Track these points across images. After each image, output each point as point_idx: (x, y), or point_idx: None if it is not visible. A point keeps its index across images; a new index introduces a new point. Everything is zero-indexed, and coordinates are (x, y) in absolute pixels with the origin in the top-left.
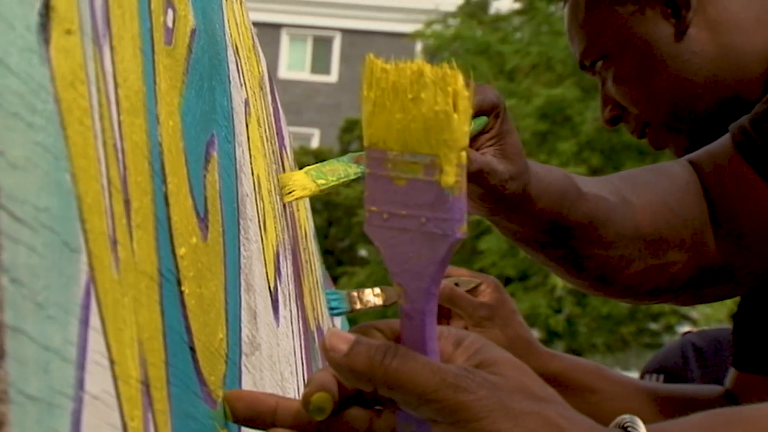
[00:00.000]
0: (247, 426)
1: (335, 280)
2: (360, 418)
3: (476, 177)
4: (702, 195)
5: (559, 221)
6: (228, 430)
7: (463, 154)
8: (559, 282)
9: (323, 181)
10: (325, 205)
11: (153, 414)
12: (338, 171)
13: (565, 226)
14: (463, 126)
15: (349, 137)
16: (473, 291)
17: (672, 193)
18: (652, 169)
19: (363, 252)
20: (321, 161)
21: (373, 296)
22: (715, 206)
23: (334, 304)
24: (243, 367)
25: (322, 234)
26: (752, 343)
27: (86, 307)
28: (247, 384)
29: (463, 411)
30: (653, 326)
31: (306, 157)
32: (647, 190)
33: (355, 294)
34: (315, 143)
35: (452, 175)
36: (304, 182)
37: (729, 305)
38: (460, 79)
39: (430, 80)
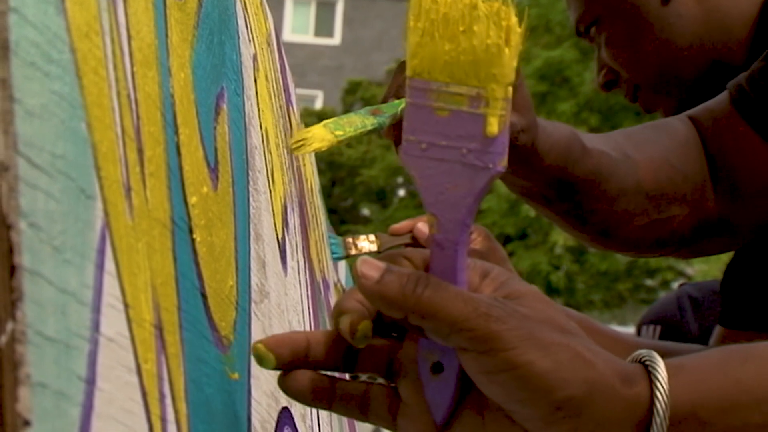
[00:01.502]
0: (285, 369)
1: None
2: (382, 349)
3: None
4: (702, 151)
5: (565, 177)
6: (238, 374)
7: (510, 89)
8: (559, 240)
9: (341, 132)
10: (328, 165)
11: (166, 357)
12: (355, 123)
13: (570, 181)
14: (513, 61)
15: (351, 98)
16: None
17: (673, 149)
18: (653, 126)
19: (366, 211)
20: (354, 110)
21: (368, 242)
22: (714, 161)
23: (333, 248)
24: (252, 314)
25: (325, 193)
26: (739, 300)
27: (101, 252)
28: (256, 330)
29: (494, 340)
30: (650, 282)
31: (310, 119)
32: (649, 147)
33: (350, 240)
34: (318, 104)
35: (498, 109)
36: (322, 134)
37: (724, 260)
38: (513, 15)
39: (483, 13)
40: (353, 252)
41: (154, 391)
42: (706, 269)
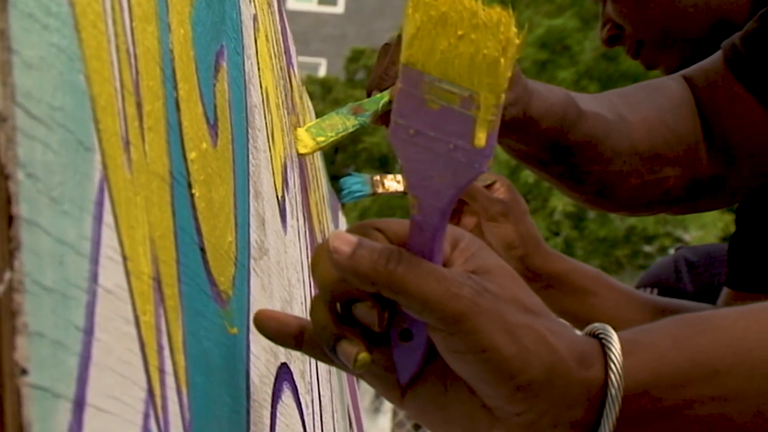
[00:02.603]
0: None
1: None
2: (369, 314)
3: None
4: (695, 111)
5: (560, 140)
6: (237, 329)
7: (503, 96)
8: (558, 206)
9: (322, 138)
10: None
11: (164, 310)
12: (337, 126)
13: (566, 144)
14: (507, 72)
15: (354, 66)
16: (488, 187)
17: (667, 110)
18: (647, 86)
19: None
20: (327, 90)
21: (395, 183)
22: (708, 121)
23: (356, 187)
24: (252, 271)
25: (328, 160)
26: (746, 261)
27: (100, 204)
28: (255, 287)
29: (463, 322)
30: (647, 249)
31: (313, 86)
32: (643, 107)
33: (377, 178)
34: (322, 72)
35: (489, 114)
36: (305, 140)
37: (720, 227)
38: (513, 27)
39: (482, 23)
40: (380, 190)
41: (153, 343)
42: (703, 235)
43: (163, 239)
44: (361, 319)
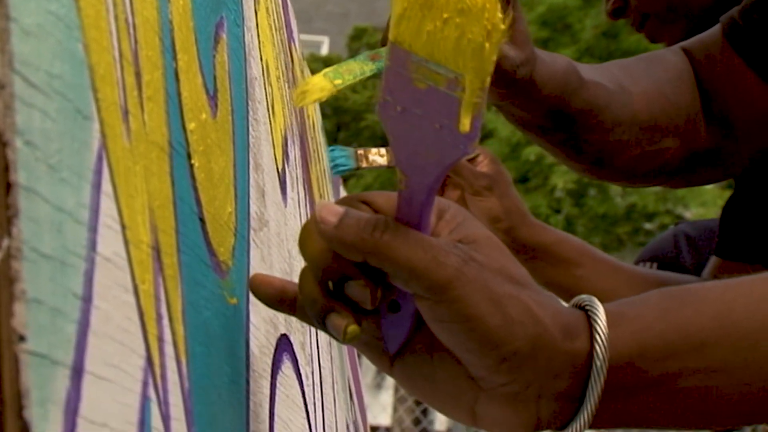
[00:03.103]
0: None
1: (344, 181)
2: (361, 292)
3: None
4: (694, 83)
5: (562, 107)
6: (237, 299)
7: (488, 79)
8: (559, 183)
9: (340, 81)
10: (334, 110)
11: (163, 279)
12: (354, 70)
13: (567, 112)
14: (493, 56)
15: (357, 44)
16: (472, 161)
17: (666, 82)
18: (647, 58)
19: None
20: (354, 57)
21: (378, 156)
22: (707, 94)
23: (340, 161)
24: (251, 242)
25: (331, 138)
26: (735, 231)
27: (98, 173)
28: (255, 258)
29: (449, 291)
30: (648, 226)
31: (316, 64)
32: (643, 79)
33: (361, 152)
34: (324, 50)
35: (474, 96)
36: (321, 84)
37: (720, 205)
38: (499, 13)
39: (467, 7)
40: (364, 164)
41: (151, 312)
42: (704, 213)
43: (162, 209)
44: (353, 297)
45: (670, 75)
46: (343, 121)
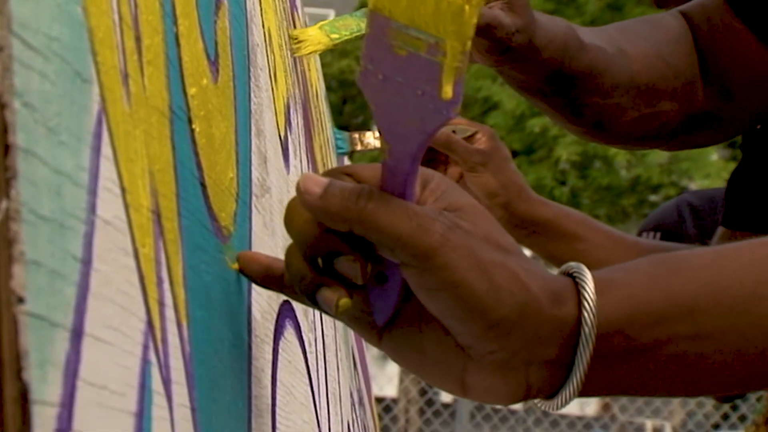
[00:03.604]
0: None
1: (350, 155)
2: (351, 267)
3: (484, 31)
4: (693, 46)
5: (562, 70)
6: (241, 259)
7: (469, 42)
8: (563, 155)
9: (336, 36)
10: (339, 83)
11: (164, 243)
12: (351, 26)
13: (567, 75)
14: (473, 18)
15: None
16: (470, 139)
17: (665, 45)
18: (646, 21)
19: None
20: (351, 13)
21: (373, 139)
22: (705, 58)
23: (339, 143)
24: (253, 208)
25: (336, 111)
26: (741, 201)
27: (98, 136)
28: (257, 224)
29: (435, 258)
30: (653, 198)
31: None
32: (642, 42)
33: (356, 136)
34: None
35: (456, 61)
36: (318, 37)
37: (725, 177)
38: None
39: None
40: (359, 147)
41: (152, 275)
42: (708, 184)
43: (163, 173)
44: (343, 272)
45: (669, 38)
46: (349, 94)
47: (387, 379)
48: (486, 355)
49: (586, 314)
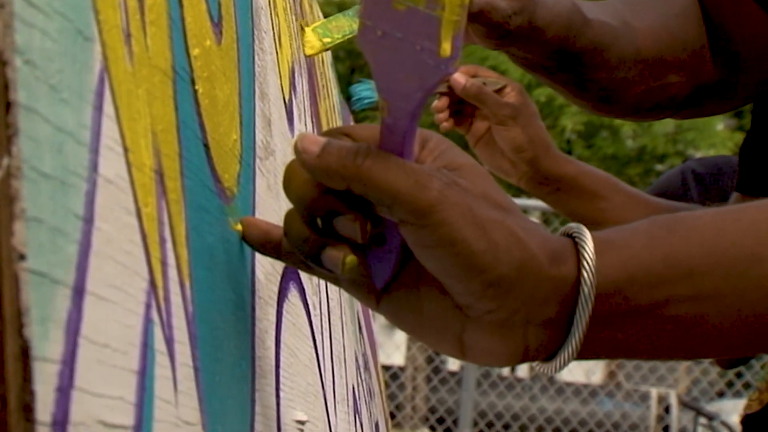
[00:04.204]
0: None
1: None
2: (351, 226)
3: (478, 17)
4: (700, 16)
5: (567, 48)
6: (241, 225)
7: None
8: (568, 125)
9: (329, 39)
10: (348, 53)
11: (167, 203)
12: (344, 28)
13: (572, 52)
14: None
15: None
16: (499, 92)
17: (672, 16)
18: None
19: None
20: (343, 11)
21: None
22: (713, 27)
23: (365, 93)
24: (257, 170)
25: (344, 81)
26: (756, 166)
27: (100, 94)
28: (261, 186)
29: (433, 214)
30: (659, 167)
31: (329, 8)
32: (648, 14)
33: None
34: None
35: (455, 14)
36: (312, 41)
37: (730, 147)
38: None
39: None
40: None
41: (154, 235)
42: (714, 154)
43: (166, 133)
44: (342, 232)
45: (676, 9)
46: (358, 64)
47: (394, 347)
48: (484, 314)
49: (585, 274)
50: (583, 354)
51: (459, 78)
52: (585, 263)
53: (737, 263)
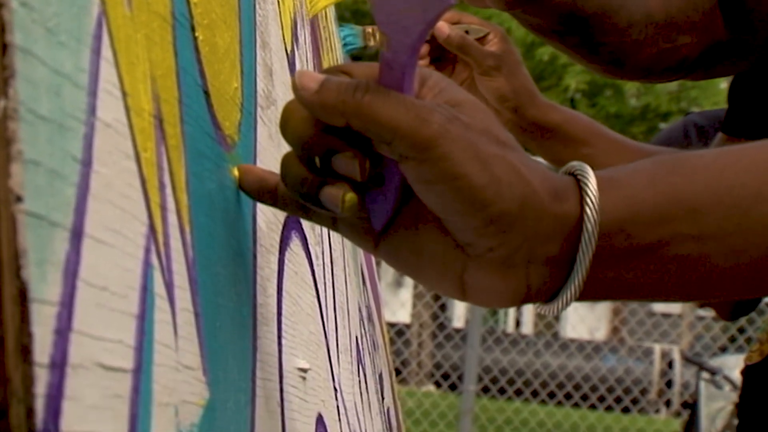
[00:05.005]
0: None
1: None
2: (350, 164)
3: None
4: None
5: (575, 12)
6: (237, 172)
7: None
8: (572, 84)
9: None
10: (353, 13)
11: (166, 148)
12: None
13: (580, 16)
14: None
15: None
16: (482, 40)
17: None
18: None
19: None
20: None
21: None
22: None
23: (349, 39)
24: (258, 119)
25: None
26: (744, 107)
27: (98, 38)
28: (262, 135)
29: (434, 149)
30: (663, 125)
31: None
32: None
33: (369, 30)
34: None
35: None
36: None
37: None
38: None
39: None
40: (372, 43)
41: (154, 180)
42: None
43: (165, 78)
44: (341, 170)
45: None
46: (363, 24)
47: (400, 304)
48: (486, 252)
49: (588, 211)
50: (585, 294)
51: (442, 26)
52: (588, 200)
53: (741, 201)
